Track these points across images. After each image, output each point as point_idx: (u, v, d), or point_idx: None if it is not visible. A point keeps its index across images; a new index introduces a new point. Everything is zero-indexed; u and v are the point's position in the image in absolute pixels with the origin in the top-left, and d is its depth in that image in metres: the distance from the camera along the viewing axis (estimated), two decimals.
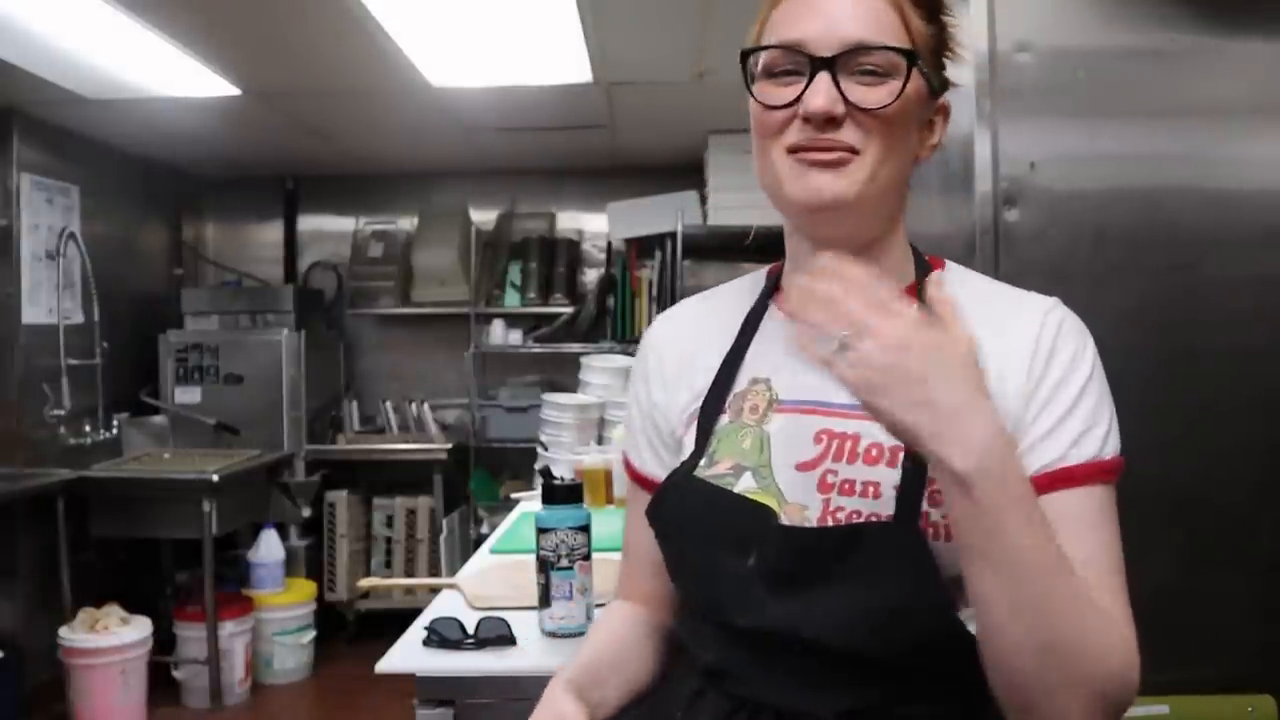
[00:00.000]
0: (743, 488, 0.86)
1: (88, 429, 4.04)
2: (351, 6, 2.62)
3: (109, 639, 3.50)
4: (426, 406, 4.79)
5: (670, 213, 4.14)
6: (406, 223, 4.98)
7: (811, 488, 0.84)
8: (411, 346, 5.03)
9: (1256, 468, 1.38)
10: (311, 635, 4.20)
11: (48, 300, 3.89)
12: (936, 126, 0.91)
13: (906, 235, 0.93)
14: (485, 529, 4.44)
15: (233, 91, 3.42)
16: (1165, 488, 1.33)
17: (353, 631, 4.59)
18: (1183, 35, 1.39)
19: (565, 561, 1.40)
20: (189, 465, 3.94)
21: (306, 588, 4.27)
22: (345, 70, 3.24)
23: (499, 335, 4.75)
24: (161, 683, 3.76)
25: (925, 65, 0.85)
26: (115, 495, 3.82)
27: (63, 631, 3.50)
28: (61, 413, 3.87)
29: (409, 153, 4.58)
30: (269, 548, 4.15)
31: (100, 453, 4.05)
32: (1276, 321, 1.39)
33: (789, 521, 0.83)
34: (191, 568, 4.11)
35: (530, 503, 2.43)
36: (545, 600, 1.43)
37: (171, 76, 3.22)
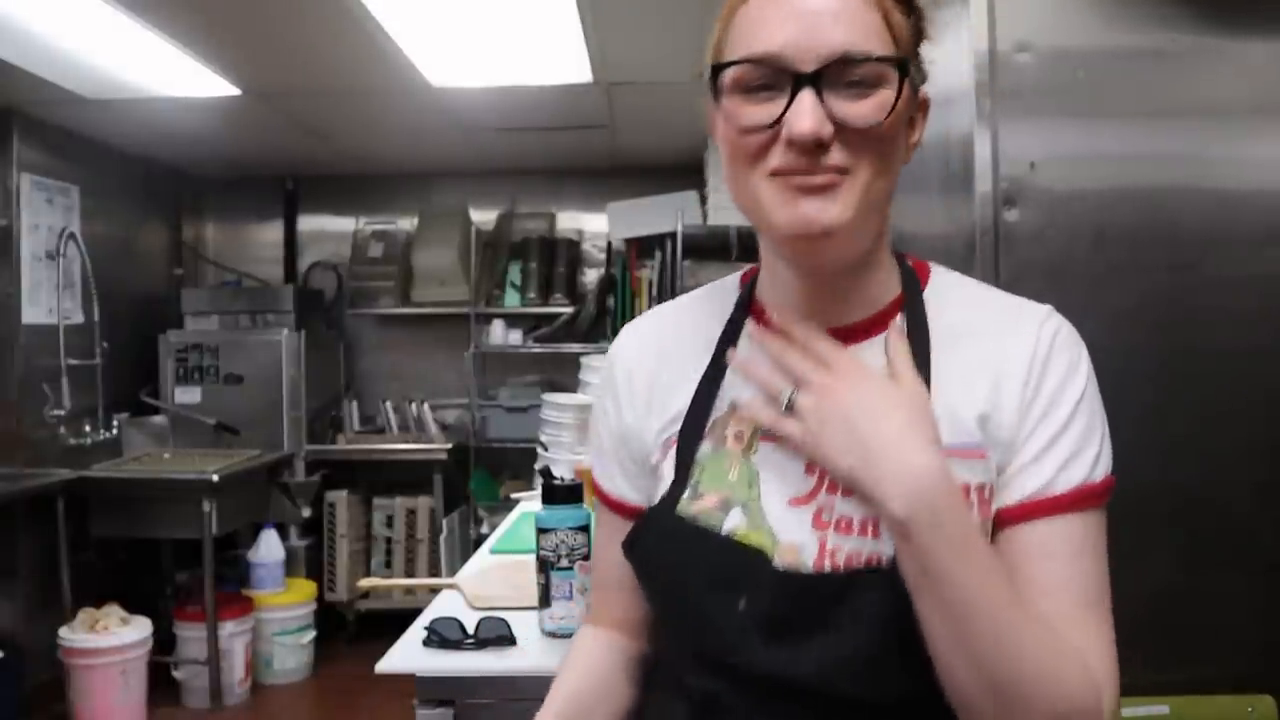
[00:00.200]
0: (731, 526, 0.81)
1: (88, 429, 4.04)
2: (351, 6, 2.62)
3: (109, 639, 3.50)
4: (426, 406, 4.79)
5: (670, 213, 4.14)
6: (406, 223, 4.98)
7: (806, 525, 0.79)
8: (411, 346, 5.03)
9: (1257, 468, 1.38)
10: (311, 635, 4.20)
11: (48, 300, 3.89)
12: (918, 124, 0.83)
13: (890, 243, 0.88)
14: (485, 529, 4.44)
15: (233, 91, 3.41)
16: (1165, 488, 1.33)
17: (353, 631, 4.59)
18: (1183, 35, 1.38)
19: (565, 561, 1.40)
20: (189, 465, 3.94)
21: (306, 588, 4.27)
22: (345, 70, 3.23)
23: (499, 335, 4.75)
24: (161, 683, 3.76)
25: (911, 66, 0.78)
26: (115, 495, 3.82)
27: (63, 631, 3.50)
28: (61, 413, 3.87)
29: (409, 153, 4.58)
30: (269, 548, 4.15)
31: (100, 453, 4.05)
32: (1277, 321, 1.39)
33: (783, 564, 0.78)
34: (191, 568, 4.11)
35: (530, 503, 2.43)
36: (545, 600, 1.43)
37: (171, 76, 3.22)
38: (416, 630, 1.55)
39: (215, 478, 3.74)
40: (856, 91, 0.74)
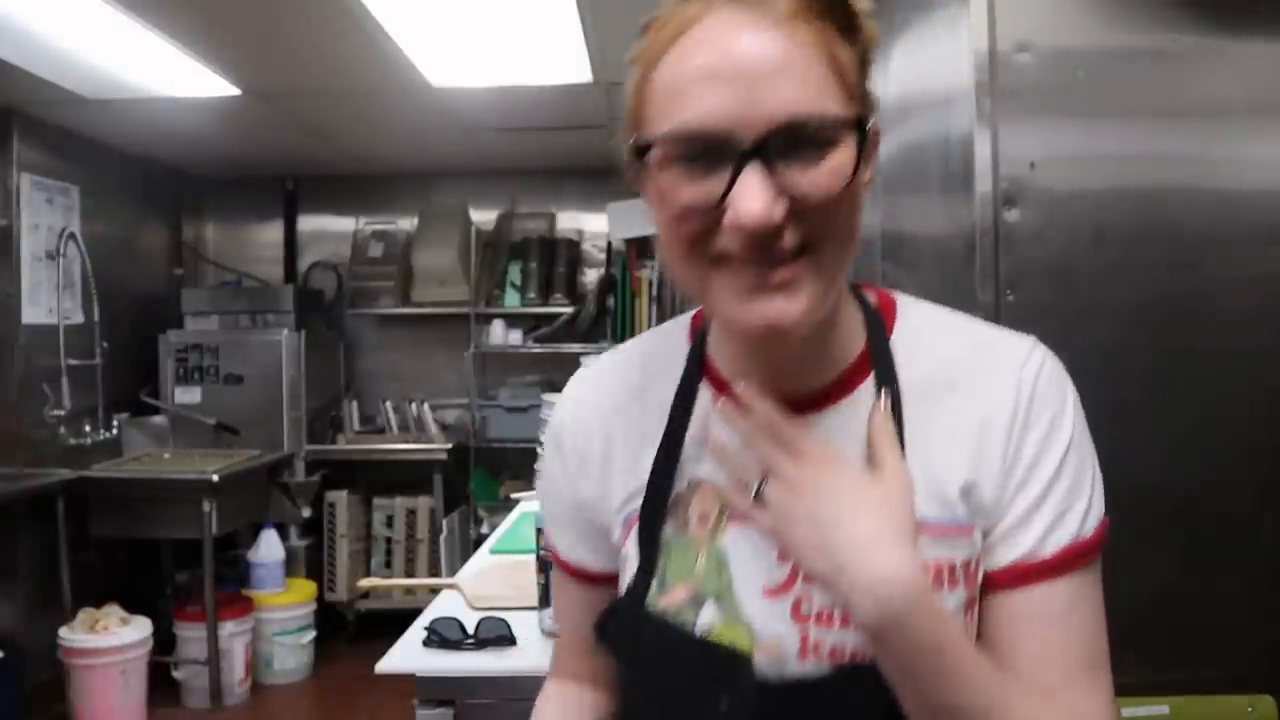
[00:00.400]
0: (706, 622, 0.75)
1: (88, 429, 4.04)
2: (351, 6, 2.62)
3: (109, 639, 3.50)
4: (426, 406, 4.79)
5: None
6: (406, 223, 4.98)
7: (784, 617, 0.74)
8: (411, 346, 5.03)
9: (1257, 468, 1.38)
10: (311, 635, 4.20)
11: (48, 300, 3.89)
12: (872, 159, 0.71)
13: (849, 286, 0.80)
14: (485, 529, 4.44)
15: (233, 91, 3.42)
16: (1165, 488, 1.33)
17: (353, 631, 4.59)
18: (1183, 36, 1.38)
19: None
20: (189, 465, 3.94)
21: (306, 588, 4.27)
22: (345, 70, 3.23)
23: (499, 335, 4.75)
24: (161, 683, 3.77)
25: (865, 111, 0.68)
26: (115, 495, 3.82)
27: (63, 631, 3.51)
28: (61, 413, 3.87)
29: (409, 153, 4.58)
30: (269, 548, 4.15)
31: (100, 453, 4.05)
32: (1277, 321, 1.39)
33: (765, 662, 0.73)
34: (191, 568, 4.11)
35: (530, 503, 2.43)
36: (545, 600, 1.44)
37: (171, 76, 3.22)
38: (416, 630, 1.55)
39: (215, 478, 3.74)
40: (809, 156, 0.64)
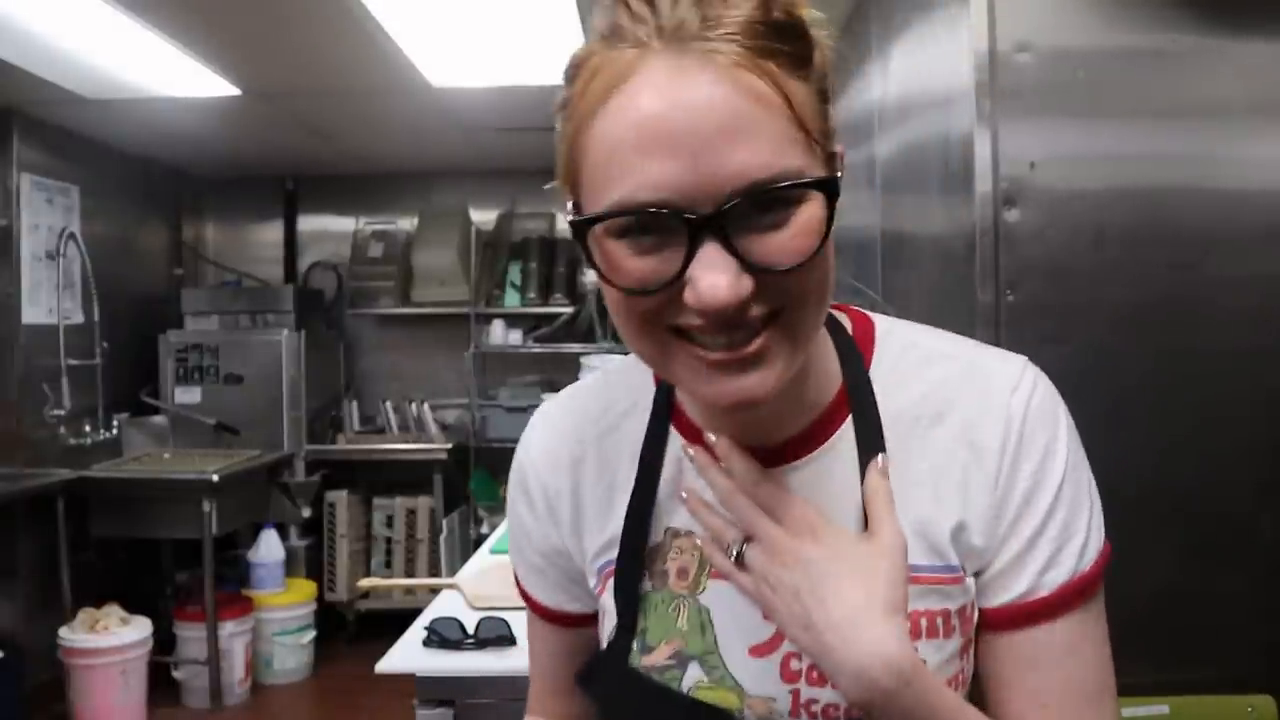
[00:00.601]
0: (691, 683, 0.71)
1: (88, 429, 4.04)
2: (351, 6, 2.62)
3: (109, 639, 3.50)
4: (426, 406, 4.79)
5: None
6: (406, 223, 4.98)
7: (774, 676, 0.70)
8: (411, 346, 5.03)
9: (1257, 467, 1.38)
10: (311, 635, 4.20)
11: (48, 300, 3.89)
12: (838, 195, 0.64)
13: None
14: (485, 529, 4.44)
15: (233, 91, 3.41)
16: (1165, 487, 1.33)
17: (353, 631, 4.59)
18: (1183, 36, 1.39)
19: None
20: (189, 465, 3.94)
21: (306, 588, 4.27)
22: (345, 70, 3.23)
23: (499, 335, 4.75)
24: (161, 683, 3.76)
25: (829, 148, 0.61)
26: (115, 495, 3.82)
27: (63, 631, 3.50)
28: (61, 413, 3.87)
29: (409, 153, 4.58)
30: (269, 548, 4.15)
31: (100, 453, 4.05)
32: (1277, 321, 1.39)
33: (755, 718, 0.70)
34: (191, 568, 4.11)
35: None
36: None
37: (171, 76, 3.22)
38: (416, 630, 1.55)
39: (215, 478, 3.74)
40: (773, 220, 0.57)
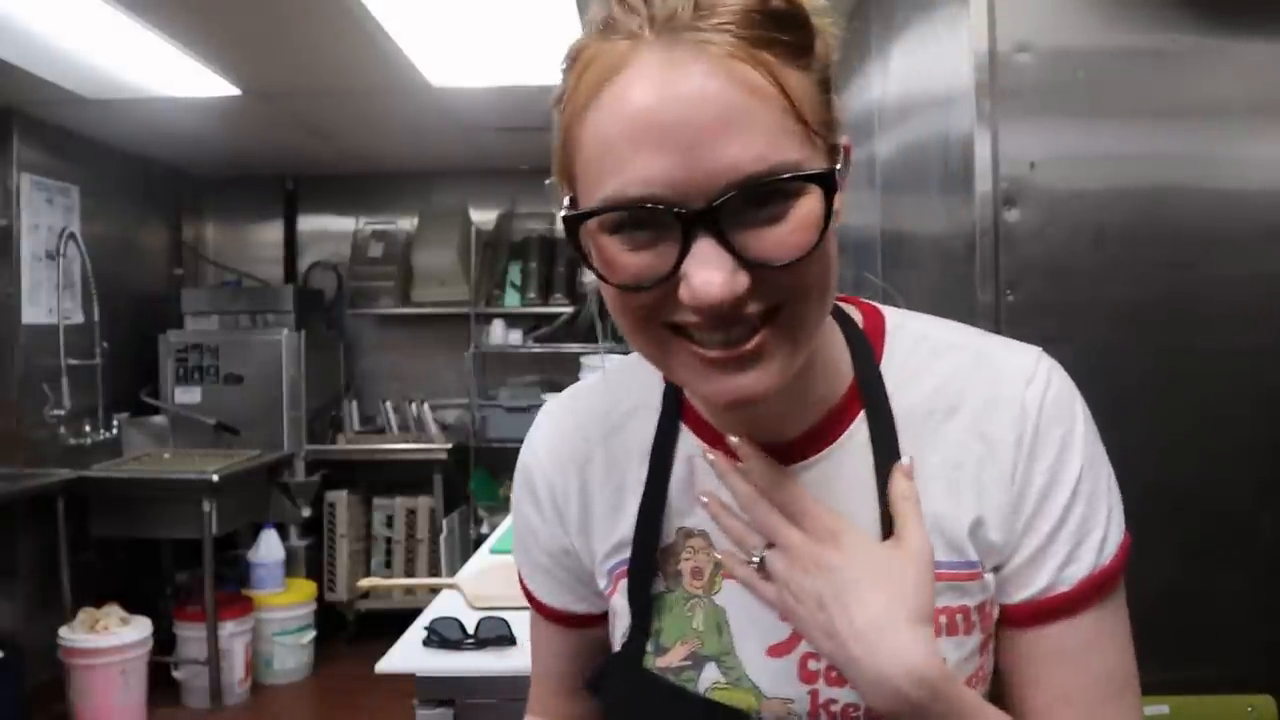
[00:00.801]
0: (708, 684, 0.70)
1: (88, 429, 4.04)
2: (351, 6, 2.62)
3: (109, 639, 3.50)
4: (426, 406, 4.79)
5: None
6: (406, 223, 4.98)
7: (792, 676, 0.69)
8: (411, 346, 5.03)
9: (1257, 467, 1.39)
10: (311, 635, 4.20)
11: (48, 300, 3.89)
12: (844, 187, 0.61)
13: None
14: (485, 529, 4.44)
15: (233, 91, 3.41)
16: (1165, 487, 1.33)
17: (353, 631, 4.59)
18: (1183, 36, 1.39)
19: None
20: (189, 465, 3.94)
21: (306, 588, 4.27)
22: (345, 70, 3.23)
23: (499, 335, 4.75)
24: (161, 683, 3.76)
25: (831, 140, 0.59)
26: (115, 495, 3.82)
27: (63, 631, 3.50)
28: (61, 413, 3.87)
29: (409, 153, 4.58)
30: (269, 548, 4.15)
31: (100, 453, 4.05)
32: (1277, 321, 1.39)
33: (773, 718, 0.69)
34: (191, 568, 4.11)
35: None
36: None
37: (171, 76, 3.22)
38: (416, 630, 1.55)
39: (215, 478, 3.74)
40: (769, 214, 0.56)
